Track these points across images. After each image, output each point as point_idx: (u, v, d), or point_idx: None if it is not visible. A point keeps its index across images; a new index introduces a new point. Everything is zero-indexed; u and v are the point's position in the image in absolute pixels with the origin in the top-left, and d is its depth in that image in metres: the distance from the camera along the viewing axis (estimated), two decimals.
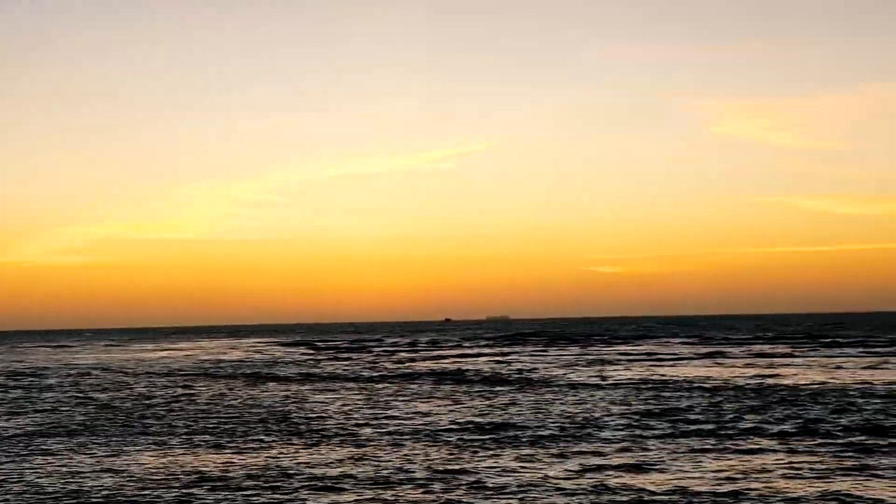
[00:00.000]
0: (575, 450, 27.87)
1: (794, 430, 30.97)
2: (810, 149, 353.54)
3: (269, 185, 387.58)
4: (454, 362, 78.70)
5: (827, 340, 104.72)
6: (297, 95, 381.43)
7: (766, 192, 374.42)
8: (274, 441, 31.41)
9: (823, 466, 24.40)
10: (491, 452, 27.80)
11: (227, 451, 29.40)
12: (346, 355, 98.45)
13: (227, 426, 35.90)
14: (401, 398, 46.23)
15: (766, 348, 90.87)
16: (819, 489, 21.71)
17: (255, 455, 28.30)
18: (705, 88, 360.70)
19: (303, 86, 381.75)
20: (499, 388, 50.62)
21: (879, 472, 23.55)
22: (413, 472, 24.87)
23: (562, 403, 41.57)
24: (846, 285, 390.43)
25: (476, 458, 26.74)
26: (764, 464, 24.98)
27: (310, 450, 29.20)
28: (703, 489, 21.91)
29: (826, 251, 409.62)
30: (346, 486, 23.12)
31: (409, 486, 22.94)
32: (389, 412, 39.68)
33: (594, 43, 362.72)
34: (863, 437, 29.14)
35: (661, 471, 24.30)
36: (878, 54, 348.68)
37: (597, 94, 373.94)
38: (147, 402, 47.52)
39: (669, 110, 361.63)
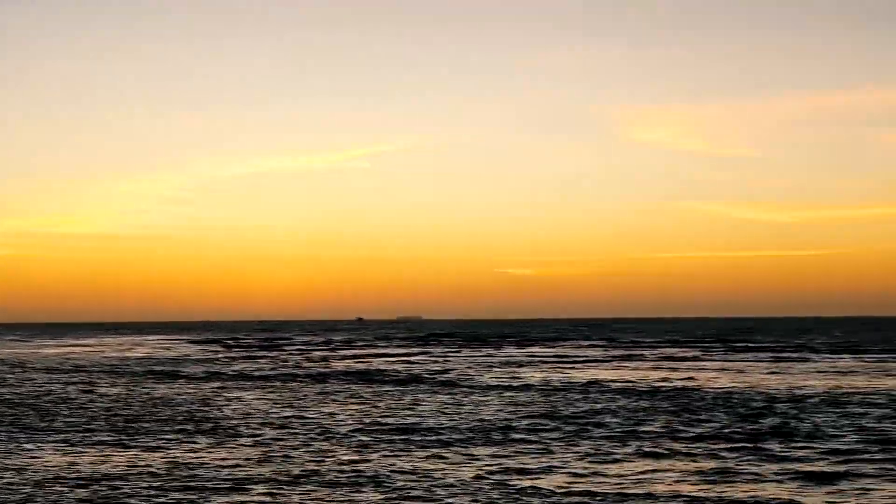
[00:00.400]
0: (484, 451, 27.78)
1: (702, 434, 31.20)
2: (721, 156, 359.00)
3: (182, 182, 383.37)
4: (367, 362, 78.37)
5: (739, 345, 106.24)
6: (212, 92, 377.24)
7: (678, 198, 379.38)
8: (180, 440, 30.86)
9: (730, 469, 24.57)
10: (400, 453, 27.59)
11: (131, 449, 28.81)
12: (256, 354, 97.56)
13: (131, 424, 35.22)
14: (312, 398, 45.85)
15: (676, 352, 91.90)
16: (724, 492, 21.85)
17: (160, 454, 27.76)
18: (618, 95, 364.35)
19: (217, 82, 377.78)
20: (411, 389, 50.45)
21: (785, 475, 23.78)
22: (321, 472, 24.57)
23: (474, 404, 41.52)
24: (756, 290, 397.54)
25: (385, 459, 26.52)
26: (671, 466, 25.10)
27: (217, 449, 28.73)
28: (610, 491, 21.93)
29: (736, 256, 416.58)
30: (252, 486, 22.76)
31: (316, 486, 22.65)
32: (300, 412, 39.28)
33: (511, 48, 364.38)
34: (770, 441, 29.44)
35: (570, 472, 24.29)
36: (788, 63, 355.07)
37: (512, 99, 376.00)
38: (49, 398, 46.52)
39: (583, 116, 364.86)
